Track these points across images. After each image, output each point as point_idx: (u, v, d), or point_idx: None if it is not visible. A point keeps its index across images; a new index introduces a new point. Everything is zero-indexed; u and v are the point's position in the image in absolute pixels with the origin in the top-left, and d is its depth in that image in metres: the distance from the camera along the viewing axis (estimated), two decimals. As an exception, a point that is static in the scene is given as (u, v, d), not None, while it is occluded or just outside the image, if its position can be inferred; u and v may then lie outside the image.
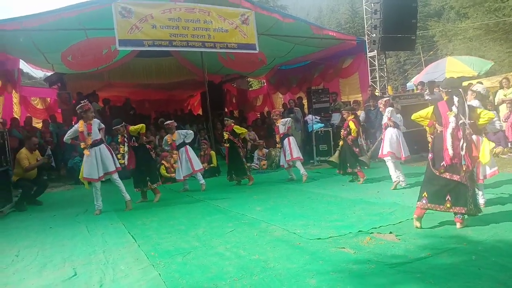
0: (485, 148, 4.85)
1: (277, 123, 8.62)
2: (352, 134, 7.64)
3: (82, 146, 6.52)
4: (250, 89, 21.31)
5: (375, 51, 11.68)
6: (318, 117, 11.96)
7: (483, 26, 15.76)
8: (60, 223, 6.10)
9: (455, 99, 4.25)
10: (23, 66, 13.17)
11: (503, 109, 10.56)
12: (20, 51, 10.37)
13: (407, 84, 17.34)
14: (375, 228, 4.44)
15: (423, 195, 4.37)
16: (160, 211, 6.46)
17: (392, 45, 11.64)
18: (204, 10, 9.78)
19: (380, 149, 7.00)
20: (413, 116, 4.80)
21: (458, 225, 4.24)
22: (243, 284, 3.23)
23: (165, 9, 9.36)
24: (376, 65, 11.88)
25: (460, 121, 4.17)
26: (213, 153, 10.63)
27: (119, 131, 7.21)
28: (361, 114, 10.91)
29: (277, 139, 8.67)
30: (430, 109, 4.58)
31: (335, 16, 56.93)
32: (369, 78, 12.10)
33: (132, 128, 7.13)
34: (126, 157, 6.98)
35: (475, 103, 5.14)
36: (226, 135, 8.54)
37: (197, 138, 13.01)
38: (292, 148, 8.31)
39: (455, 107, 4.22)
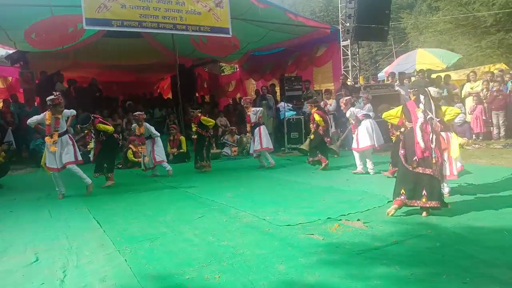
0: (454, 143, 5.02)
1: (248, 111, 8.54)
2: (320, 125, 7.72)
3: (47, 141, 6.21)
4: (222, 74, 21.06)
5: (349, 40, 11.74)
6: (291, 105, 11.97)
7: (453, 19, 16.13)
8: (21, 207, 5.86)
9: (421, 97, 4.47)
10: (-17, 43, 12.51)
11: (469, 102, 10.90)
12: (-21, 27, 9.79)
13: (378, 75, 17.61)
14: (344, 215, 4.49)
15: (401, 191, 4.44)
16: (127, 196, 6.31)
17: (366, 35, 11.73)
18: (177, -10, 9.51)
19: (356, 142, 7.18)
20: (384, 115, 5.04)
21: (424, 213, 4.36)
22: (211, 270, 3.19)
23: (136, -12, 9.03)
24: (349, 54, 11.96)
25: (428, 116, 4.37)
26: (182, 138, 10.43)
27: (86, 128, 6.98)
28: (332, 103, 11.00)
29: (248, 128, 8.61)
30: (399, 108, 4.81)
31: (310, 3, 56.81)
32: (342, 67, 12.17)
33: (101, 126, 6.94)
34: (92, 152, 6.77)
35: None
36: (194, 127, 8.36)
37: (166, 123, 12.79)
38: (262, 138, 8.29)
39: (421, 104, 4.43)
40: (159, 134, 8.21)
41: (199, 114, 8.47)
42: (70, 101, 12.72)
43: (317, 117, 7.75)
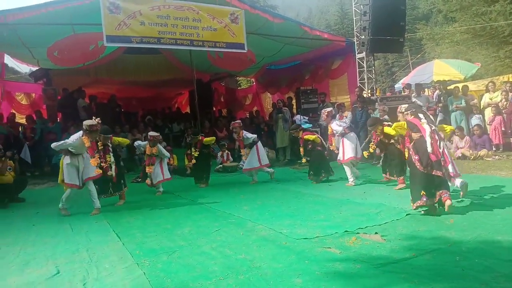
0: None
1: (239, 136, 8.51)
2: (317, 142, 7.95)
3: (93, 163, 6.26)
4: (239, 88, 21.26)
5: (364, 52, 11.76)
6: (307, 117, 11.99)
7: (470, 30, 15.98)
8: (43, 220, 6.00)
9: (421, 115, 5.13)
10: (8, 60, 12.95)
11: (488, 113, 10.72)
12: (4, 45, 10.16)
13: (395, 86, 17.51)
14: (361, 228, 4.46)
15: (421, 193, 4.82)
16: (145, 210, 6.39)
17: (381, 47, 11.74)
18: (193, 8, 9.71)
19: (342, 154, 7.49)
20: (395, 125, 5.64)
21: (448, 202, 4.70)
22: (228, 284, 3.21)
23: (154, 6, 9.27)
24: (365, 66, 11.97)
25: (433, 128, 5.02)
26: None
27: (105, 140, 6.72)
28: (348, 115, 10.99)
29: (242, 151, 8.71)
30: (403, 122, 5.40)
31: (325, 17, 57.19)
32: (358, 79, 12.17)
33: (116, 139, 6.93)
34: (113, 167, 6.67)
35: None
36: (195, 153, 8.38)
37: (184, 137, 12.95)
38: (260, 156, 8.43)
39: (424, 119, 5.07)
40: (169, 155, 8.23)
41: (201, 137, 8.54)
42: (91, 116, 13.06)
43: (310, 137, 7.95)
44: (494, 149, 10.07)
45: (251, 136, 8.55)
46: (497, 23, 14.59)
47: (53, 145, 6.44)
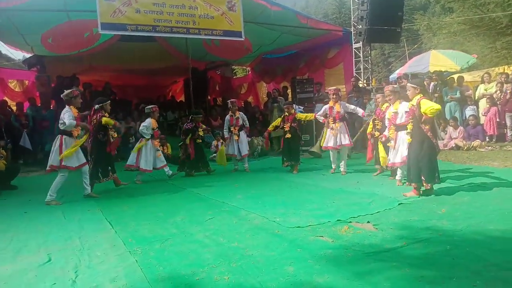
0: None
1: (236, 114, 8.69)
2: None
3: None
4: (234, 77, 21.15)
5: (361, 42, 11.70)
6: (302, 107, 11.95)
7: (467, 21, 15.91)
8: (36, 208, 5.97)
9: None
10: (1, 47, 12.85)
11: (483, 104, 10.74)
12: (-2, 31, 10.05)
13: (390, 77, 17.48)
14: (354, 217, 4.48)
15: (436, 175, 5.25)
16: (138, 198, 6.38)
17: (378, 37, 11.68)
18: (190, -5, 9.60)
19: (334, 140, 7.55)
20: (428, 108, 5.13)
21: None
22: (221, 271, 3.21)
23: (150, -7, 9.15)
24: (361, 56, 11.92)
25: None
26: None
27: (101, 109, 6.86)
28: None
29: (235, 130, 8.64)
30: (434, 104, 5.19)
31: (322, 6, 56.82)
32: (354, 69, 12.13)
33: (105, 120, 6.74)
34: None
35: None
36: (201, 132, 8.42)
37: (178, 125, 12.89)
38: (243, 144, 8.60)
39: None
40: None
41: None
42: (85, 104, 12.96)
43: (302, 116, 8.24)
44: (487, 139, 10.12)
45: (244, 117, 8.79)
46: (495, 14, 14.54)
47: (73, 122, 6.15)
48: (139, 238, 4.21)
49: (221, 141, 11.05)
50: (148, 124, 7.70)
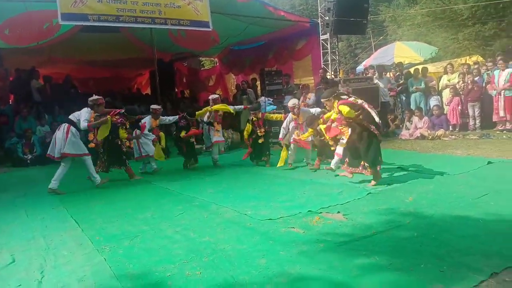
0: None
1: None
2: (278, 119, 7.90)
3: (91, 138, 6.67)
4: (202, 68, 20.90)
5: (328, 34, 11.79)
6: (271, 99, 11.96)
7: (430, 13, 16.36)
8: (-4, 207, 5.71)
9: (344, 97, 5.71)
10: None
11: (446, 94, 11.09)
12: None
13: (357, 68, 17.76)
14: (324, 208, 4.51)
15: (380, 158, 5.54)
16: (106, 194, 6.22)
17: (345, 28, 11.80)
18: (155, -16, 9.35)
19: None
20: (345, 113, 5.50)
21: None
22: (192, 266, 3.17)
23: (112, -18, 8.84)
24: (329, 48, 12.02)
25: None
26: (162, 134, 10.27)
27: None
28: (311, 97, 11.04)
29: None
30: (346, 107, 5.44)
31: (289, -3, 56.89)
32: (322, 61, 12.22)
33: (121, 133, 7.11)
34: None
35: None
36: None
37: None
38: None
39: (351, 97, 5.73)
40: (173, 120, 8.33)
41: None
42: (46, 98, 12.48)
43: (273, 116, 8.03)
44: (451, 129, 10.47)
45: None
46: (457, 6, 15.00)
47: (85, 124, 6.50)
48: (107, 236, 4.10)
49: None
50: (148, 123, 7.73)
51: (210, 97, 8.65)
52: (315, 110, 7.48)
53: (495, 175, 5.52)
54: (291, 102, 7.40)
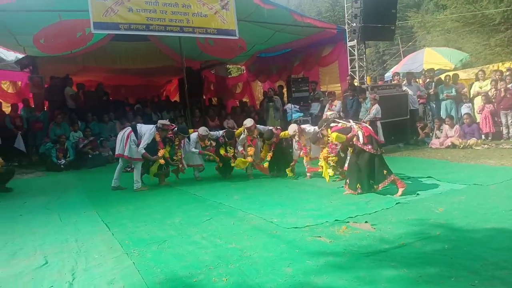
0: None
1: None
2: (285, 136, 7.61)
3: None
4: (229, 76, 21.11)
5: (355, 40, 11.70)
6: (298, 106, 11.96)
7: (460, 18, 15.94)
8: (31, 210, 5.93)
9: (333, 124, 5.92)
10: (-7, 48, 12.68)
11: (478, 101, 10.79)
12: (-11, 32, 9.94)
13: (385, 75, 17.53)
14: (351, 217, 4.47)
15: (385, 172, 5.49)
16: (135, 199, 6.34)
17: (372, 34, 11.66)
18: (183, -6, 9.55)
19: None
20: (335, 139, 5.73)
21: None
22: (218, 273, 3.20)
23: (142, -8, 9.09)
24: (356, 54, 11.92)
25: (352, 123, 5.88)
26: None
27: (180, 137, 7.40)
28: (337, 104, 10.97)
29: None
30: (336, 134, 5.65)
31: (316, 4, 56.84)
32: (349, 67, 12.13)
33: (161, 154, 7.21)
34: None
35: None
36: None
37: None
38: None
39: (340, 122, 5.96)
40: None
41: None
42: (79, 105, 12.90)
43: (283, 135, 7.54)
44: (483, 137, 10.16)
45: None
46: (488, 11, 14.59)
47: (142, 151, 6.95)
48: (136, 240, 4.18)
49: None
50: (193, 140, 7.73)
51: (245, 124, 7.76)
52: (315, 129, 6.92)
53: (530, 186, 5.33)
54: (291, 129, 7.20)
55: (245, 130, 7.49)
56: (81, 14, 8.92)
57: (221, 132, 8.04)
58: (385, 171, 5.44)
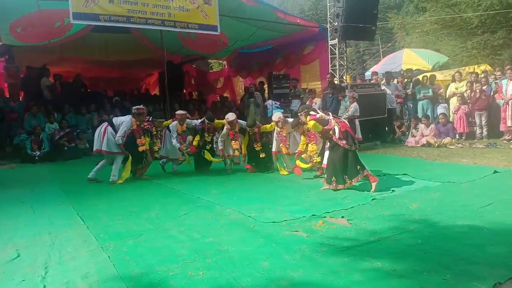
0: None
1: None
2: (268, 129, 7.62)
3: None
4: (210, 71, 21.00)
5: (336, 39, 11.80)
6: (278, 103, 11.99)
7: (439, 20, 16.30)
8: (4, 203, 5.77)
9: (313, 112, 5.95)
10: (-34, 35, 12.24)
11: (454, 102, 11.05)
12: (-38, 19, 9.59)
13: (366, 74, 17.76)
14: (328, 212, 4.52)
15: (358, 168, 5.55)
16: (111, 192, 6.25)
17: (353, 34, 11.81)
18: (165, -13, 9.43)
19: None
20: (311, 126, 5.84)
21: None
22: (195, 267, 3.19)
23: (123, -17, 8.93)
24: (337, 53, 12.03)
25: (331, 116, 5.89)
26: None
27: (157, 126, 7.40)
28: (317, 101, 11.07)
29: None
30: (313, 122, 5.72)
31: (299, 2, 57.06)
32: (329, 66, 12.23)
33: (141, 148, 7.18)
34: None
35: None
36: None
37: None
38: None
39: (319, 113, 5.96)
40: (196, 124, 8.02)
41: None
42: (56, 96, 12.61)
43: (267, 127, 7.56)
44: (457, 137, 10.42)
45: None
46: (466, 14, 14.95)
47: (119, 141, 6.90)
48: (111, 234, 4.13)
49: None
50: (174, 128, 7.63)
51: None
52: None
53: (501, 184, 5.49)
54: (276, 116, 7.30)
55: (227, 124, 7.46)
56: (60, 4, 8.75)
57: (199, 120, 7.98)
58: (358, 167, 5.51)
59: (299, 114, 6.29)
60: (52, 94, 12.63)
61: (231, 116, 7.50)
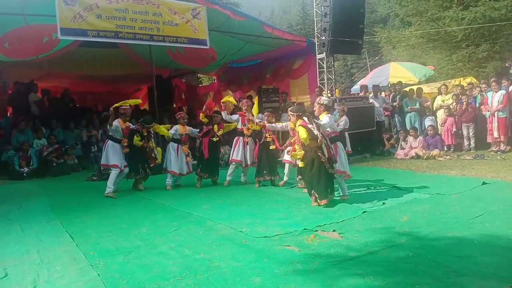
0: None
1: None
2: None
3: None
4: (200, 85, 21.03)
5: (324, 53, 11.95)
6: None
7: (425, 34, 16.62)
8: (-10, 221, 5.65)
9: (305, 119, 5.62)
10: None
11: (441, 114, 11.21)
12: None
13: (353, 88, 17.98)
14: (319, 226, 4.53)
15: (328, 190, 5.56)
16: (100, 209, 6.17)
17: (340, 48, 11.97)
18: (154, 2, 9.46)
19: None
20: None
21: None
22: (186, 284, 3.16)
23: (112, -1, 8.97)
24: (325, 67, 12.16)
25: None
26: (159, 149, 10.26)
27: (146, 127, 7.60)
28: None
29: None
30: (303, 129, 5.51)
31: (287, 17, 57.91)
32: (318, 79, 12.35)
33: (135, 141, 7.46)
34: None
35: (325, 119, 5.89)
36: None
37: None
38: None
39: (310, 124, 5.56)
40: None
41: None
42: (43, 111, 12.49)
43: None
44: (445, 149, 10.55)
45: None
46: (451, 28, 15.27)
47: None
48: (101, 251, 4.07)
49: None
50: (175, 131, 7.83)
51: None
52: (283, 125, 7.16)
53: (489, 196, 5.56)
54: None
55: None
56: (48, 19, 8.70)
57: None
58: (329, 189, 5.54)
59: (290, 112, 5.94)
60: (40, 109, 12.52)
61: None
